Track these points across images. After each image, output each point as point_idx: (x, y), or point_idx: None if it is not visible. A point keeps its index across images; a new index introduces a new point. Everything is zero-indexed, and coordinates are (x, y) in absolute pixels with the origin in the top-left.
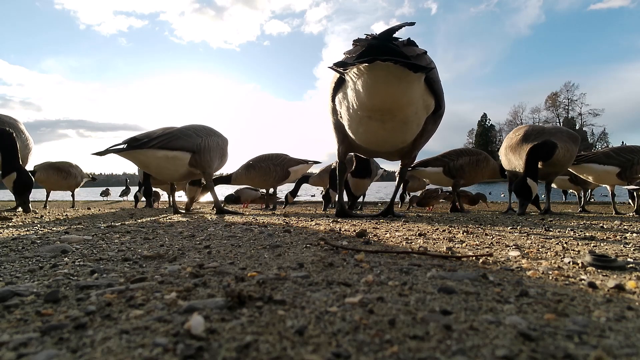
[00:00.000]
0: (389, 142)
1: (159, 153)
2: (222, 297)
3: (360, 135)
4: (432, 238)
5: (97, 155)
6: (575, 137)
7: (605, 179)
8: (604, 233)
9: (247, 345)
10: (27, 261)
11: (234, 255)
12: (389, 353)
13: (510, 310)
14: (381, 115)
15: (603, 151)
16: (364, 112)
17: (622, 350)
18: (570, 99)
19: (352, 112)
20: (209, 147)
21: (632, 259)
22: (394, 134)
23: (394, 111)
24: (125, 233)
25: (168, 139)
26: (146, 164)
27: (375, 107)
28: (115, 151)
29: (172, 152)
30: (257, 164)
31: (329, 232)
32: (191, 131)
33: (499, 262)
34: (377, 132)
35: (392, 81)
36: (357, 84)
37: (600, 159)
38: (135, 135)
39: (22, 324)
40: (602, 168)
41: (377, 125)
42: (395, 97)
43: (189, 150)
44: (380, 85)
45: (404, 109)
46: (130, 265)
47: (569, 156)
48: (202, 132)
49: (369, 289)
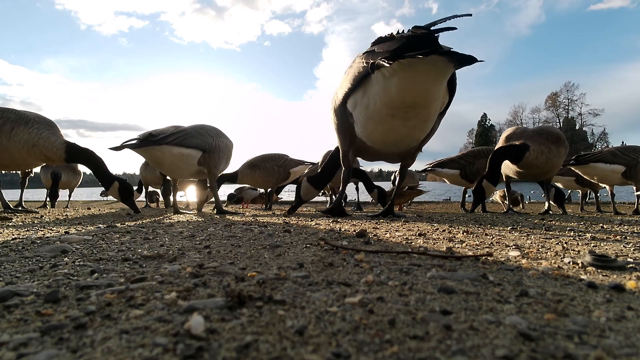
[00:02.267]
0: (405, 141)
1: (175, 150)
2: (222, 297)
3: (377, 135)
4: (432, 238)
5: (114, 151)
6: (558, 139)
7: (611, 179)
8: (604, 233)
9: (247, 345)
10: (27, 261)
11: (234, 255)
12: (389, 353)
13: (510, 310)
14: (405, 113)
15: (609, 150)
16: (389, 110)
17: (622, 350)
18: (570, 99)
19: (374, 111)
20: (219, 147)
21: (632, 259)
22: (413, 131)
23: (421, 107)
24: (125, 233)
25: (184, 137)
26: (161, 160)
27: (405, 103)
28: (131, 146)
29: (186, 150)
30: (261, 164)
31: (329, 232)
32: (204, 130)
33: (499, 262)
34: (397, 130)
35: (433, 75)
36: (391, 79)
37: (607, 157)
38: (149, 131)
39: (22, 324)
40: (609, 167)
41: (399, 124)
42: (429, 92)
43: (201, 149)
44: (420, 79)
45: (431, 104)
46: (130, 265)
47: (546, 158)
48: (213, 132)
49: (369, 289)
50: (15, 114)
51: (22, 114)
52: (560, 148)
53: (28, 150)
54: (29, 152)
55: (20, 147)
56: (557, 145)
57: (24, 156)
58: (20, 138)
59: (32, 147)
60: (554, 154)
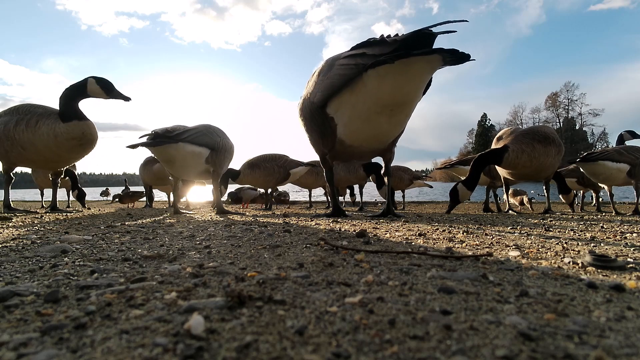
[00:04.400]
0: (388, 136)
1: (189, 147)
2: (222, 297)
3: (361, 133)
4: (432, 238)
5: (130, 149)
6: (545, 137)
7: (616, 177)
8: (604, 233)
9: (247, 345)
10: (27, 261)
11: (234, 255)
12: (389, 353)
13: (510, 310)
14: (392, 109)
15: (614, 149)
16: (378, 108)
17: (622, 350)
18: (570, 99)
19: (361, 109)
20: (225, 147)
21: (632, 259)
22: (395, 127)
23: (408, 103)
24: (125, 233)
25: (196, 135)
26: (173, 157)
27: (396, 100)
28: (147, 144)
29: (198, 148)
30: (262, 164)
31: (329, 232)
32: (211, 129)
33: (499, 262)
34: (381, 126)
35: (426, 73)
36: (386, 77)
37: (614, 156)
38: (163, 128)
39: (22, 324)
40: (615, 166)
41: (384, 120)
42: (419, 89)
43: (210, 147)
44: (414, 77)
45: (415, 100)
46: (130, 265)
47: (529, 157)
48: (219, 132)
49: (369, 289)
50: (43, 108)
51: (47, 108)
52: (549, 147)
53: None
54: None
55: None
56: (544, 144)
57: (53, 149)
58: (43, 131)
59: (55, 137)
60: (540, 152)
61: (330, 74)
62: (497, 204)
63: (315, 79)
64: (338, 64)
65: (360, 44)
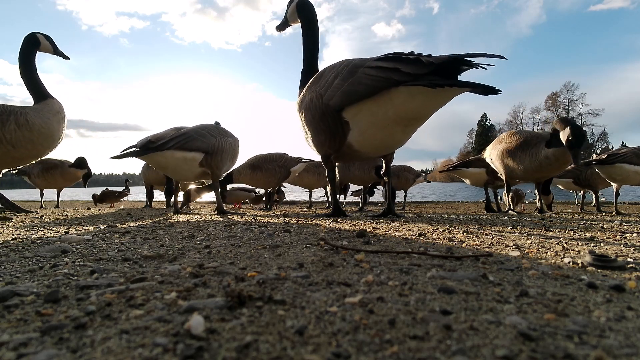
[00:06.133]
0: (399, 144)
1: (177, 154)
2: (222, 297)
3: (374, 141)
4: (432, 238)
5: (115, 159)
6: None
7: (632, 179)
8: (604, 233)
9: (247, 345)
10: (27, 261)
11: (234, 255)
12: (389, 353)
13: (510, 310)
14: (409, 121)
15: (631, 151)
16: (397, 119)
17: (622, 350)
18: (570, 99)
19: (379, 119)
20: (222, 148)
21: (632, 259)
22: (407, 136)
23: (425, 117)
24: (125, 233)
25: (185, 140)
26: (164, 165)
27: (418, 115)
28: (132, 154)
29: (190, 154)
30: (263, 166)
31: (329, 232)
32: (205, 131)
33: (499, 262)
34: (395, 136)
35: (453, 96)
36: (416, 96)
37: (632, 159)
38: (148, 137)
39: (22, 324)
40: (633, 168)
41: (399, 130)
42: (440, 107)
43: (203, 151)
44: (441, 100)
45: (432, 114)
46: (130, 265)
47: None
48: (215, 132)
49: (369, 289)
50: (10, 106)
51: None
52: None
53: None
54: None
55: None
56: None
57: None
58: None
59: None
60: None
61: (353, 81)
62: (497, 203)
63: (330, 80)
64: (365, 72)
65: (389, 56)
